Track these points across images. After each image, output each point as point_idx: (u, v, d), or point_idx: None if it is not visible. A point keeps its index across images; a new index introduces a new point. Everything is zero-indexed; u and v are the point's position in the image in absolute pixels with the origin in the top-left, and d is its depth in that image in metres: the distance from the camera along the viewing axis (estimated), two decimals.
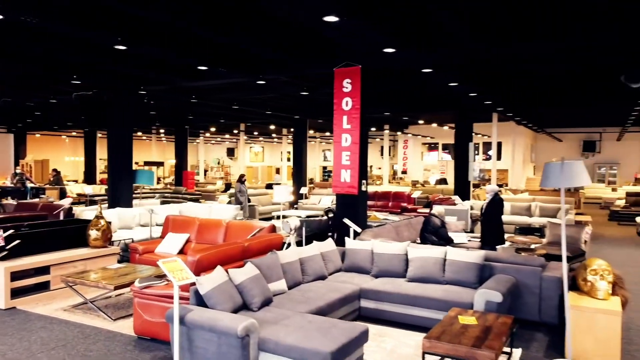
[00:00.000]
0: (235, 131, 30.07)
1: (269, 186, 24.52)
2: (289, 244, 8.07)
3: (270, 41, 8.43)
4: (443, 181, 26.51)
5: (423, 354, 4.44)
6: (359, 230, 8.41)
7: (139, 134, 31.91)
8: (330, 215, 10.24)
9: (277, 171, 39.00)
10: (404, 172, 31.44)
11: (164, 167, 39.26)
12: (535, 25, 7.56)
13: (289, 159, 32.78)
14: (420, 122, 25.47)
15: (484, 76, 12.00)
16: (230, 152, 42.31)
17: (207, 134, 32.88)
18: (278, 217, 13.58)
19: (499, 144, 26.69)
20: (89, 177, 25.32)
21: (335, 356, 4.12)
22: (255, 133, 32.75)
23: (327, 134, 31.48)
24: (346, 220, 8.56)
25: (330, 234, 9.75)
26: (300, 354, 4.18)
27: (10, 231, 7.00)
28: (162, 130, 29.97)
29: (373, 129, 27.67)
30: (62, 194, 19.33)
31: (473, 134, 20.34)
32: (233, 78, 10.92)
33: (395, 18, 7.27)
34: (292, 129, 22.80)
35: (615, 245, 12.25)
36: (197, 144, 37.79)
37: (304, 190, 18.89)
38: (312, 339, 4.28)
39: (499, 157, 27.23)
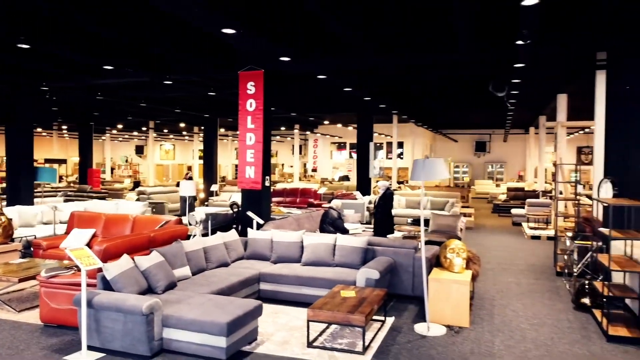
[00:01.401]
0: (144, 128, 29.50)
1: (179, 184, 24.43)
2: (195, 236, 8.55)
3: (175, 44, 8.83)
4: (346, 178, 27.99)
5: (307, 322, 5.23)
6: (261, 222, 9.07)
7: (39, 130, 30.24)
8: (235, 209, 10.82)
9: (189, 169, 38.57)
10: (314, 169, 32.62)
11: (67, 165, 37.45)
12: (415, 38, 8.64)
13: (201, 157, 32.66)
14: (326, 122, 26.62)
15: (375, 82, 13.12)
16: (140, 150, 41.12)
17: (114, 131, 31.87)
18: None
19: (401, 144, 28.60)
20: None
21: (230, 326, 4.77)
22: (165, 131, 32.28)
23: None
24: (249, 213, 9.19)
25: (235, 226, 10.33)
26: (200, 326, 4.79)
27: None
28: (64, 127, 28.66)
29: (283, 128, 28.40)
30: None
31: (376, 134, 21.70)
32: (139, 77, 11.09)
33: (287, 31, 8.03)
34: (202, 127, 22.95)
35: (492, 233, 13.94)
36: (102, 141, 36.43)
37: (214, 187, 19.19)
38: (211, 313, 4.89)
39: (401, 156, 29.18)
